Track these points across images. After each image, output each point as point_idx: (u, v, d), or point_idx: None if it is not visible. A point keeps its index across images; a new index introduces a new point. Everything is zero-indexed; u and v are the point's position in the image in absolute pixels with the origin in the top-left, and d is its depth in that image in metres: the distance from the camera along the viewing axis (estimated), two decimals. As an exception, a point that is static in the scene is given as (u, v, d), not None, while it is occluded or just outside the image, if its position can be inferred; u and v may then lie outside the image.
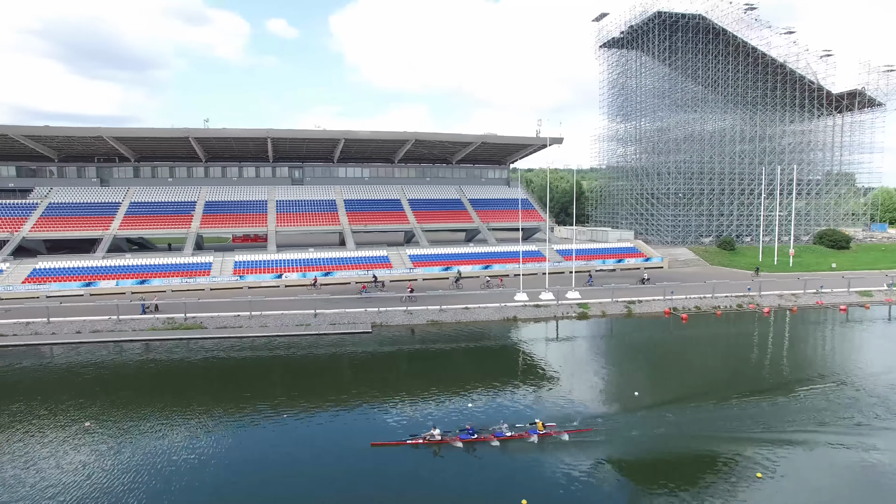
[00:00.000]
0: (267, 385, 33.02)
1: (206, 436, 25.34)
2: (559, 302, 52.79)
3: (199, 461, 22.70)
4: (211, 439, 24.93)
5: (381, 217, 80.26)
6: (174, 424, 26.75)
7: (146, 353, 39.80)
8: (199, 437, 25.25)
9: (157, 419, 27.47)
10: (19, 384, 33.49)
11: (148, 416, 27.94)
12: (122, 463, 22.82)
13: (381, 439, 24.32)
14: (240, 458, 23.14)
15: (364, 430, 25.62)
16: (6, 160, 77.52)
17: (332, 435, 25.45)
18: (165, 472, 21.79)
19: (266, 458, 23.07)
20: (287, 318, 46.19)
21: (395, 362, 38.79)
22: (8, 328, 43.33)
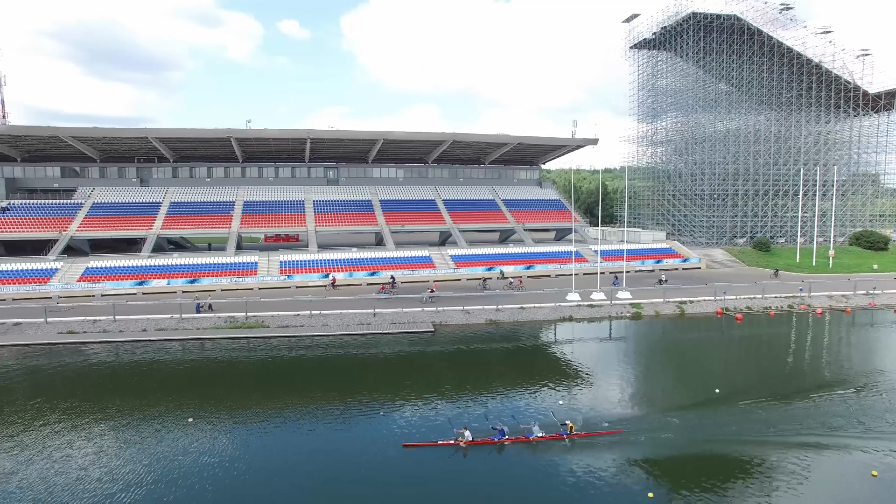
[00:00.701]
0: (319, 384, 33.27)
1: (255, 433, 25.60)
2: (612, 302, 52.85)
3: (246, 459, 22.88)
4: (257, 437, 25.18)
5: (416, 217, 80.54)
6: (241, 421, 27.12)
7: (213, 352, 40.10)
8: (250, 434, 25.60)
9: (235, 415, 27.84)
10: (106, 379, 33.99)
11: (236, 411, 28.30)
12: (219, 455, 23.24)
13: (413, 440, 24.29)
14: (281, 456, 23.26)
15: (397, 431, 25.55)
16: (51, 161, 78.46)
17: (365, 435, 25.30)
18: (237, 467, 22.05)
19: (302, 457, 23.19)
20: (347, 318, 46.54)
21: (456, 361, 39.02)
22: (78, 325, 43.89)
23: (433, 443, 23.71)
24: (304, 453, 23.65)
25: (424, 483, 21.02)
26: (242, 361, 38.22)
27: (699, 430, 25.86)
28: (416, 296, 53.26)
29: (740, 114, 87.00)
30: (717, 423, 26.57)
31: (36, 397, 30.48)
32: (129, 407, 29.01)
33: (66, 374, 35.04)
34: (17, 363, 37.23)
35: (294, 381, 34.24)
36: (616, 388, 32.64)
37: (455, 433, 24.04)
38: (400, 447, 23.83)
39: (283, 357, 38.73)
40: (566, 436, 24.15)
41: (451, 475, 21.68)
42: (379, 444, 24.23)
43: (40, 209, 71.77)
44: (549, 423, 25.40)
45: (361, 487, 20.67)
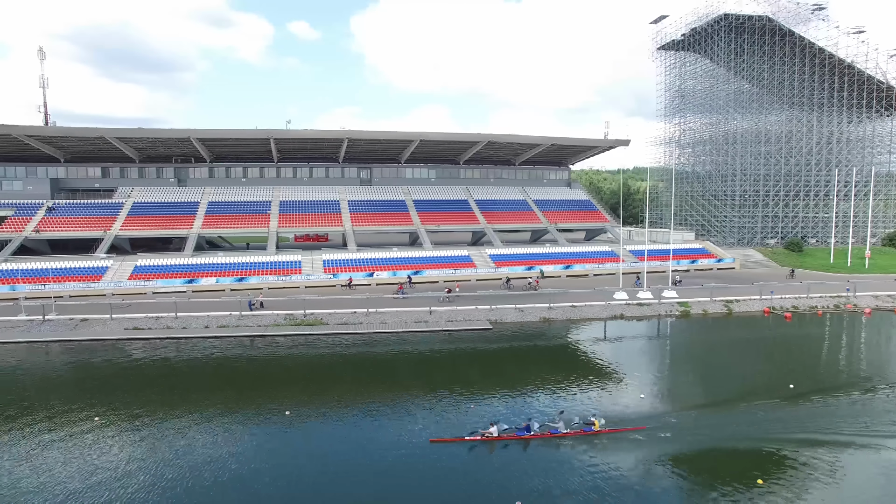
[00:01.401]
0: (376, 378, 33.83)
1: (314, 426, 26.20)
2: (660, 301, 53.25)
3: (287, 453, 23.19)
4: (318, 429, 25.83)
5: (450, 217, 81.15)
6: (305, 415, 27.65)
7: (275, 348, 40.69)
8: (308, 426, 26.18)
9: (302, 409, 28.60)
10: (177, 373, 34.72)
11: (300, 404, 29.02)
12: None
13: (442, 435, 24.47)
14: (323, 450, 23.60)
15: (426, 426, 25.79)
16: (93, 161, 79.49)
17: (392, 430, 25.48)
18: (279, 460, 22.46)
19: (335, 451, 23.46)
20: (405, 315, 47.14)
21: (514, 358, 39.54)
22: (142, 322, 44.65)
23: (460, 438, 23.94)
24: (343, 445, 23.92)
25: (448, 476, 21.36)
26: (305, 357, 38.77)
27: (776, 424, 26.29)
28: (434, 295, 53.46)
29: (770, 114, 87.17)
30: (800, 418, 26.99)
31: (113, 390, 31.25)
32: (208, 400, 29.77)
33: (138, 368, 35.76)
34: (89, 357, 38.04)
35: (352, 376, 34.70)
36: (680, 385, 33.11)
37: (482, 430, 24.26)
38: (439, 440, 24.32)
39: (344, 353, 39.28)
40: (590, 432, 24.31)
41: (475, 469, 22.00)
42: (417, 437, 24.61)
43: (84, 209, 72.84)
44: (573, 419, 25.65)
45: (399, 479, 21.04)
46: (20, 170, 76.14)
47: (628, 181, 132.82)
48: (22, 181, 74.85)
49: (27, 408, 28.23)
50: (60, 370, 35.96)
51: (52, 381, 33.72)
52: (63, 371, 35.76)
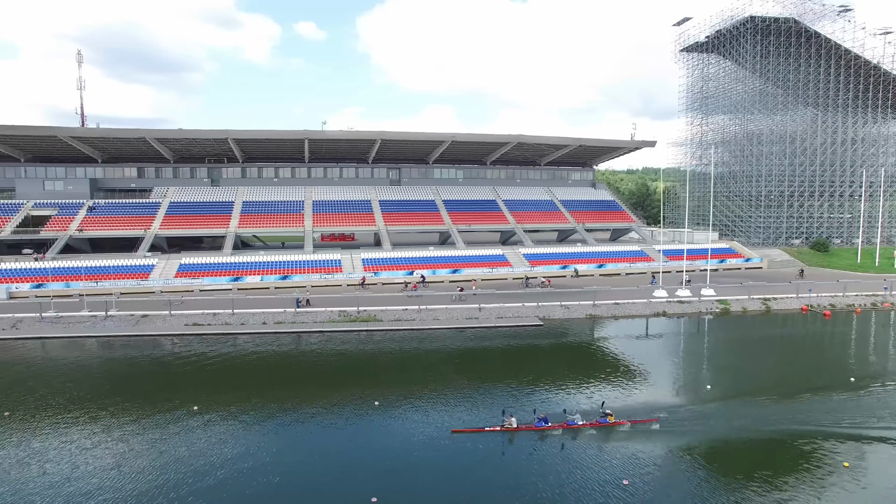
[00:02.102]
0: (423, 372, 35.00)
1: (365, 419, 26.93)
2: (700, 298, 54.20)
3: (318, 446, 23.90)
4: (365, 422, 26.52)
5: (480, 217, 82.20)
6: (359, 408, 28.29)
7: (333, 343, 41.74)
8: (358, 418, 27.01)
9: (355, 402, 29.59)
10: (243, 367, 35.92)
11: (354, 398, 30.12)
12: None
13: (463, 426, 25.31)
14: (353, 443, 24.17)
15: (448, 417, 26.62)
16: (129, 162, 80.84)
17: (414, 422, 26.31)
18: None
19: (361, 442, 24.20)
20: (455, 312, 48.19)
21: (565, 353, 40.66)
22: (200, 318, 45.81)
23: (480, 429, 24.81)
24: (385, 437, 24.72)
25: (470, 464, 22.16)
26: (360, 353, 39.86)
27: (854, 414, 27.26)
28: (447, 293, 54.38)
29: (796, 115, 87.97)
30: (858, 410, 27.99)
31: (180, 383, 32.58)
32: (273, 393, 30.94)
33: (205, 362, 36.77)
34: (154, 351, 39.23)
35: (405, 370, 35.83)
36: (745, 380, 34.06)
37: (501, 419, 25.03)
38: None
39: (398, 349, 40.46)
40: (605, 424, 25.08)
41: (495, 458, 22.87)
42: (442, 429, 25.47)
43: (123, 208, 74.14)
44: (590, 411, 26.39)
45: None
46: (60, 170, 77.51)
47: (647, 182, 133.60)
48: (63, 181, 76.17)
49: (114, 399, 29.43)
50: (130, 363, 37.04)
51: (125, 373, 34.87)
52: (133, 364, 36.81)
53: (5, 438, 24.39)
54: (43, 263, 59.54)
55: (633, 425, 25.38)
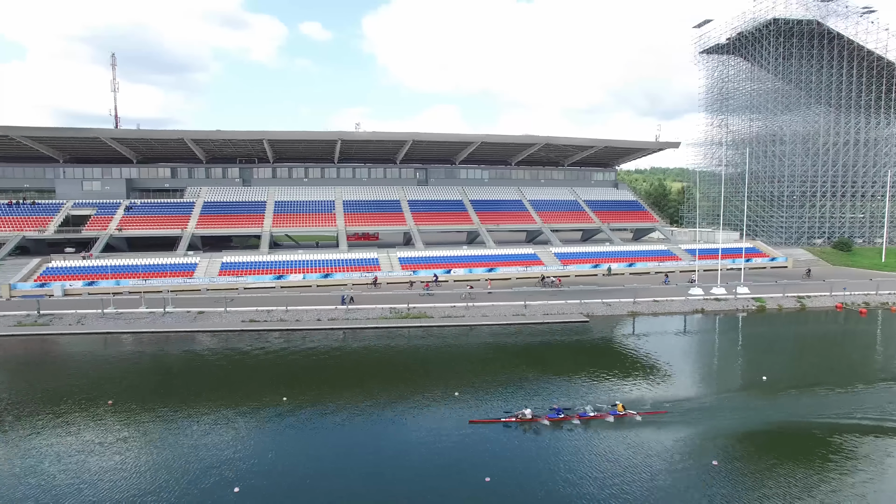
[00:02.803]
0: (467, 367, 36.28)
1: (419, 411, 28.03)
2: (735, 296, 55.37)
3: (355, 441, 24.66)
4: (412, 415, 27.53)
5: (507, 217, 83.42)
6: (412, 401, 29.52)
7: (387, 340, 43.00)
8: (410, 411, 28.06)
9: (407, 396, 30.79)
10: (304, 362, 37.32)
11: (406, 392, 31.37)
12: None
13: (480, 416, 26.34)
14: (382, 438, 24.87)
15: (465, 409, 27.62)
16: (163, 162, 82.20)
17: (435, 414, 27.38)
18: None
19: (389, 432, 25.36)
20: (502, 309, 49.44)
21: (613, 348, 42.02)
22: (255, 315, 47.10)
23: (496, 419, 25.80)
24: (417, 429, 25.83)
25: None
26: (419, 348, 41.15)
27: None
28: (456, 292, 55.48)
29: (818, 116, 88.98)
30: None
31: (251, 376, 33.81)
32: (344, 385, 32.36)
33: (266, 356, 38.12)
34: (220, 346, 40.50)
35: (458, 364, 37.13)
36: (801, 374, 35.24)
37: (516, 411, 26.00)
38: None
39: (451, 344, 41.72)
40: (615, 415, 26.06)
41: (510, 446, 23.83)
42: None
43: (159, 208, 75.51)
44: (600, 403, 27.46)
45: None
46: (97, 171, 78.87)
47: (664, 182, 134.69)
48: (100, 182, 77.54)
49: (202, 390, 30.95)
50: (201, 357, 38.31)
51: (196, 366, 36.16)
52: (205, 358, 38.06)
53: (122, 423, 25.74)
54: (91, 262, 60.89)
55: (644, 416, 26.28)
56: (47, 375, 34.63)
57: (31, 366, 37.44)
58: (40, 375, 34.64)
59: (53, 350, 40.72)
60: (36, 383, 32.41)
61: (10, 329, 43.70)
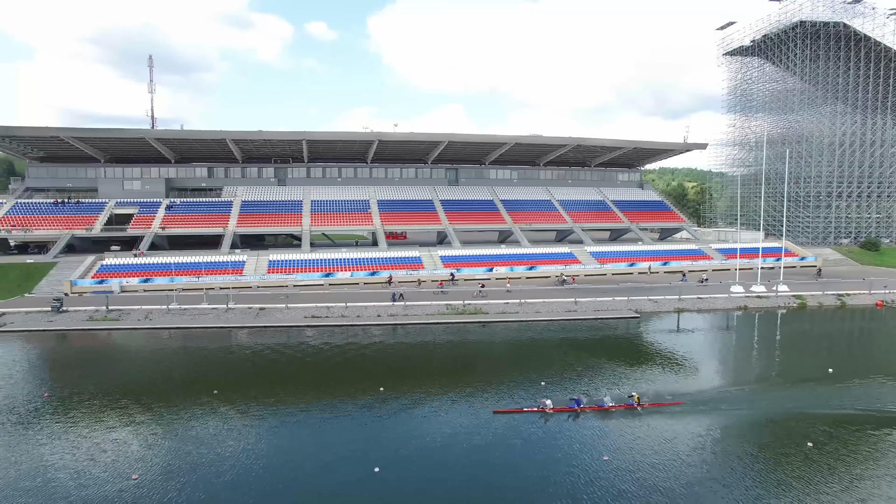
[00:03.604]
0: (494, 362, 37.40)
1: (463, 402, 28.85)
2: (777, 294, 56.62)
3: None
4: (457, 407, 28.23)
5: (538, 217, 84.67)
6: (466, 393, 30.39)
7: (448, 335, 44.17)
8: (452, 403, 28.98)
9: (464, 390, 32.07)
10: (369, 355, 38.79)
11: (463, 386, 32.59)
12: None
13: (504, 407, 27.31)
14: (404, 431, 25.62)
15: (491, 399, 28.73)
16: (199, 162, 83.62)
17: (459, 404, 28.32)
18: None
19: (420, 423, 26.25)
20: (553, 305, 50.73)
21: (662, 341, 43.53)
22: (316, 311, 48.44)
23: (519, 409, 26.74)
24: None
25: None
26: (476, 343, 42.62)
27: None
28: (468, 290, 56.64)
29: (845, 118, 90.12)
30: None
31: (342, 369, 35.30)
32: (400, 380, 33.71)
33: (333, 351, 39.36)
34: (287, 341, 41.73)
35: (517, 358, 38.35)
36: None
37: (538, 402, 26.98)
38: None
39: (507, 339, 42.99)
40: (633, 406, 26.98)
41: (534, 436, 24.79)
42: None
43: (199, 207, 76.92)
44: (618, 394, 28.39)
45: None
46: (136, 170, 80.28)
47: (682, 182, 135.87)
48: (140, 181, 78.95)
49: (291, 381, 32.65)
50: (275, 351, 39.35)
51: (283, 360, 37.45)
52: (279, 351, 39.19)
53: (231, 411, 27.19)
54: (142, 259, 62.31)
55: (660, 408, 27.23)
56: (148, 367, 36.11)
57: (125, 358, 39.08)
58: (142, 367, 36.27)
59: (137, 344, 41.93)
60: (136, 374, 33.89)
61: (85, 324, 45.02)
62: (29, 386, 31.61)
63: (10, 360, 36.99)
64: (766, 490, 19.99)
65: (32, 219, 69.86)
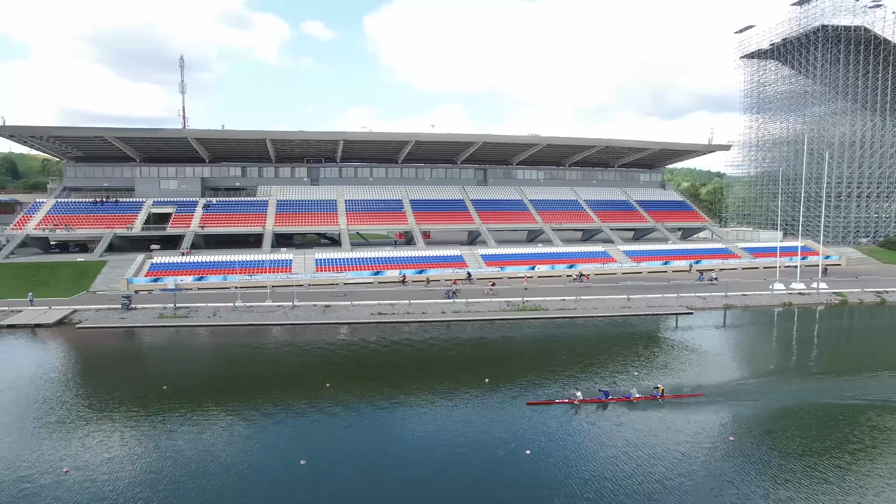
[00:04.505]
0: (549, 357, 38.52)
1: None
2: (818, 290, 58.37)
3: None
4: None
5: (567, 216, 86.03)
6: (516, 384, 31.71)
7: (509, 331, 45.32)
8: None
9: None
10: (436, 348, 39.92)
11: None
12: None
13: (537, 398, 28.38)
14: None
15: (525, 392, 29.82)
16: (233, 161, 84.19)
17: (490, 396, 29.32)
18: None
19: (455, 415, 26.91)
20: (609, 302, 52.11)
21: (731, 336, 45.74)
22: (382, 308, 49.46)
23: (551, 401, 27.80)
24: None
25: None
26: (539, 337, 43.76)
27: None
28: (481, 288, 57.73)
29: (865, 120, 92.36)
30: None
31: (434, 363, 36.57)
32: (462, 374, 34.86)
33: (423, 345, 40.58)
34: (362, 337, 42.61)
35: (578, 351, 39.61)
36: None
37: (569, 393, 28.16)
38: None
39: (569, 334, 44.53)
40: (658, 397, 28.03)
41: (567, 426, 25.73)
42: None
43: (236, 206, 77.50)
44: (643, 386, 29.36)
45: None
46: (171, 170, 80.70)
47: (695, 183, 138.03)
48: (175, 181, 79.34)
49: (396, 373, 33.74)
50: (353, 346, 40.42)
51: (373, 354, 38.46)
52: (366, 347, 40.19)
53: (344, 403, 28.20)
54: (189, 258, 62.95)
55: (683, 398, 28.31)
56: (246, 362, 37.03)
57: (217, 353, 39.55)
58: (240, 361, 37.15)
59: (218, 340, 42.30)
60: (238, 368, 34.98)
61: (156, 321, 45.69)
62: (137, 379, 32.41)
63: (102, 354, 37.80)
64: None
65: (73, 218, 70.14)
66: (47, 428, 24.98)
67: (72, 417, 26.30)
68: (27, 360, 37.34)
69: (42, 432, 24.46)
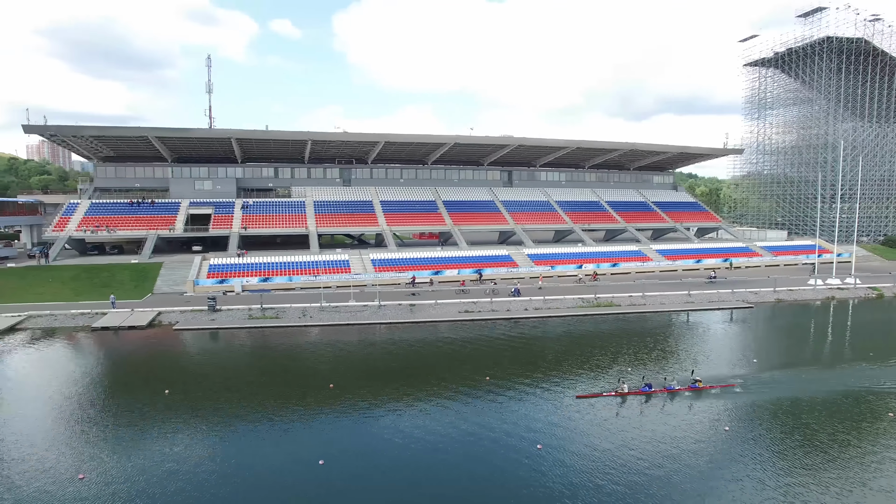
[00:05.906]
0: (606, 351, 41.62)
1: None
2: (855, 286, 62.55)
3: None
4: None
5: (592, 217, 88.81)
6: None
7: (586, 325, 47.33)
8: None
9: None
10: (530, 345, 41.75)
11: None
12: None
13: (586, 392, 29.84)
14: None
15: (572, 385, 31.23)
16: (265, 162, 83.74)
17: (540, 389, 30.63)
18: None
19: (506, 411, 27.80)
20: (672, 298, 54.82)
21: (796, 328, 48.85)
22: (467, 307, 50.71)
23: (598, 394, 29.27)
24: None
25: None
26: (615, 332, 45.71)
27: None
28: (482, 288, 59.66)
29: (867, 126, 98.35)
30: None
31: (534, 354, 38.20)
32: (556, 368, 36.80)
33: (503, 342, 42.17)
34: (467, 334, 43.74)
35: (631, 345, 42.02)
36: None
37: (615, 385, 29.71)
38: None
39: (640, 329, 46.42)
40: (696, 388, 29.63)
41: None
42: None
43: (274, 207, 77.25)
44: (683, 378, 31.02)
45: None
46: (203, 170, 79.71)
47: (693, 186, 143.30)
48: (209, 181, 78.38)
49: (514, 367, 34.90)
50: (458, 342, 41.41)
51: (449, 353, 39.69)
52: (462, 342, 41.23)
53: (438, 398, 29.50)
54: (244, 259, 62.77)
55: (719, 389, 29.96)
56: (361, 358, 37.81)
57: (328, 353, 39.14)
58: (355, 359, 37.69)
59: (319, 339, 42.23)
60: (358, 365, 35.95)
61: (247, 322, 45.73)
62: (266, 379, 32.86)
63: (225, 356, 38.05)
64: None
65: (112, 219, 68.78)
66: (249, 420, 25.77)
67: (259, 413, 27.03)
68: (169, 361, 37.45)
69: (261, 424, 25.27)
